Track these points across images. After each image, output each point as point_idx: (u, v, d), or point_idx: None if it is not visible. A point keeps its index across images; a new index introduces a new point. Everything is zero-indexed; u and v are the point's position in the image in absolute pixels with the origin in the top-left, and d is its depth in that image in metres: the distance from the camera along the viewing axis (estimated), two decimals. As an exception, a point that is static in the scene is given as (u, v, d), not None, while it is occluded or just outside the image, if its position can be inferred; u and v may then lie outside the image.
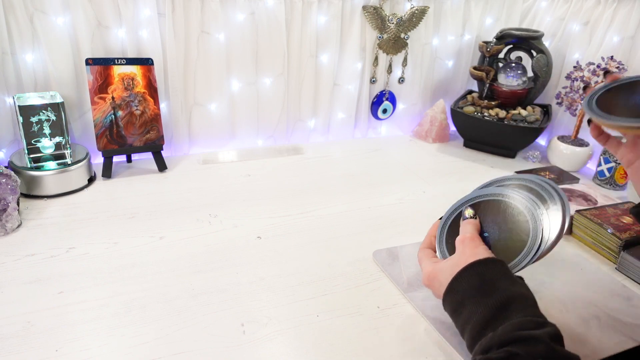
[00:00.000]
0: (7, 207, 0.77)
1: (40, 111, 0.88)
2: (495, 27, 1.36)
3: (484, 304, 0.50)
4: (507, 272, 0.54)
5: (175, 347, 0.57)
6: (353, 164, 1.15)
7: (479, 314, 0.50)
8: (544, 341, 0.44)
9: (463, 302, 0.53)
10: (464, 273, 0.54)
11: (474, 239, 0.59)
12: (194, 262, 0.74)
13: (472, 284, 0.53)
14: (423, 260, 0.63)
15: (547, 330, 0.46)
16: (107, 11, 0.94)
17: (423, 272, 0.61)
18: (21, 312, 0.61)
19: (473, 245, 0.57)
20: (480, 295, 0.51)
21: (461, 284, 0.54)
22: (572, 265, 0.78)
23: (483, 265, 0.54)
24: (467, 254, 0.56)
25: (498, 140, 1.22)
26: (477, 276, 0.53)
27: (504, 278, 0.52)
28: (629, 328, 0.64)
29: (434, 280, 0.58)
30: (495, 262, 0.54)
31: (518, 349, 0.44)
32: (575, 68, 1.15)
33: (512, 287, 0.51)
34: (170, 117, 1.08)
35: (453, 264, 0.56)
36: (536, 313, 0.49)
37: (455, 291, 0.54)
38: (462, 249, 0.58)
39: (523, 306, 0.49)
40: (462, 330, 0.53)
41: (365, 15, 1.18)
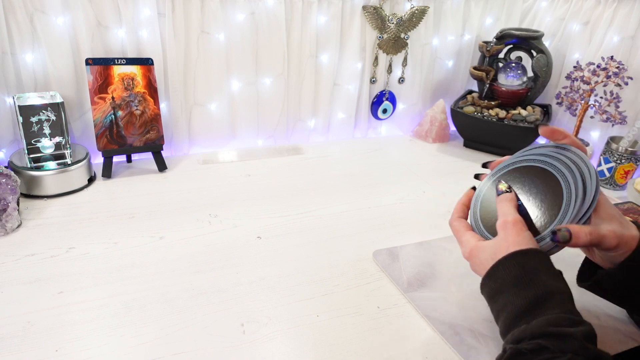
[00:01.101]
0: (7, 207, 0.77)
1: (40, 111, 0.88)
2: (495, 27, 1.36)
3: (521, 296, 0.50)
4: (548, 265, 0.53)
5: (175, 347, 0.57)
6: (353, 164, 1.15)
7: (515, 304, 0.50)
8: (576, 338, 0.44)
9: (501, 290, 0.52)
10: (505, 261, 0.53)
11: (517, 223, 0.56)
12: (194, 262, 0.74)
13: (512, 274, 0.52)
14: (462, 233, 0.61)
15: (582, 329, 0.45)
16: (107, 11, 0.94)
17: (464, 245, 0.60)
18: (21, 312, 0.61)
19: (515, 231, 0.55)
20: (519, 287, 0.51)
21: (501, 272, 0.53)
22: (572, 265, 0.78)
23: (525, 255, 0.53)
24: (509, 241, 0.54)
25: (498, 140, 1.22)
26: (518, 266, 0.52)
27: (544, 271, 0.51)
28: (629, 328, 0.64)
29: (475, 257, 0.57)
30: (538, 253, 0.53)
31: (549, 343, 0.44)
32: (575, 68, 1.15)
33: (551, 282, 0.50)
34: (170, 117, 1.08)
35: (495, 248, 0.55)
36: (572, 310, 0.49)
37: (494, 278, 0.54)
38: (505, 234, 0.55)
39: (560, 302, 0.49)
40: (497, 317, 0.53)
41: (365, 15, 1.18)
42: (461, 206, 0.65)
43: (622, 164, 1.05)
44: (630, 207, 0.91)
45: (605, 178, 1.09)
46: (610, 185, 1.09)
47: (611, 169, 1.07)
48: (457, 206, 0.65)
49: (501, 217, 0.57)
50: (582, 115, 1.14)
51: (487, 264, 0.55)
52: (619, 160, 1.05)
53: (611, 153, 1.07)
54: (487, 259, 0.55)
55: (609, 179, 1.08)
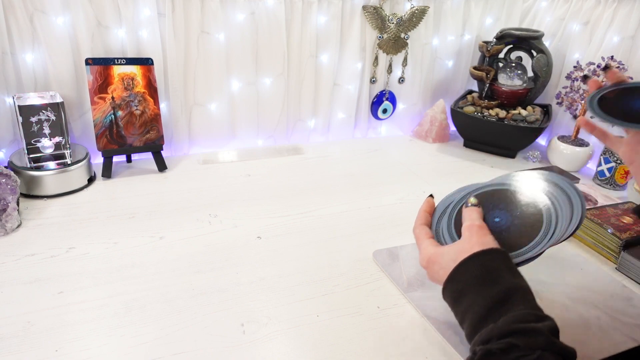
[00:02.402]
0: (6, 207, 0.77)
1: (40, 111, 0.88)
2: (495, 27, 1.36)
3: (485, 294, 0.50)
4: (510, 264, 0.53)
5: (175, 347, 0.57)
6: (353, 164, 1.15)
7: (479, 304, 0.50)
8: (543, 334, 0.44)
9: (464, 291, 0.52)
10: (467, 262, 0.53)
11: (482, 227, 0.57)
12: (194, 262, 0.74)
13: (475, 274, 0.52)
14: (422, 240, 0.62)
15: (547, 324, 0.46)
16: (107, 11, 0.94)
17: (422, 252, 0.60)
18: (21, 312, 0.61)
19: (481, 234, 0.56)
20: (483, 286, 0.51)
21: (463, 273, 0.53)
22: (572, 265, 0.78)
23: (487, 255, 0.53)
24: (472, 242, 0.55)
25: (498, 140, 1.22)
26: (480, 266, 0.53)
27: (506, 270, 0.52)
28: (629, 328, 0.64)
29: (434, 264, 0.58)
30: (499, 252, 0.54)
31: (518, 341, 0.44)
32: (575, 68, 1.15)
33: (514, 280, 0.51)
34: (170, 117, 1.08)
35: (457, 251, 0.55)
36: (536, 306, 0.50)
37: (457, 280, 0.54)
38: (469, 236, 0.56)
39: (524, 299, 0.49)
40: (462, 320, 0.53)
41: (365, 15, 1.18)
42: (423, 213, 0.66)
43: (622, 164, 1.05)
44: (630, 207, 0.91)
45: (606, 178, 1.09)
46: (610, 185, 1.09)
47: (611, 169, 1.07)
48: (420, 214, 0.66)
49: (468, 222, 0.59)
50: (582, 115, 1.14)
51: (448, 267, 0.55)
52: (619, 160, 1.05)
53: (611, 153, 1.07)
54: (448, 263, 0.55)
55: (609, 179, 1.08)
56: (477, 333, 0.49)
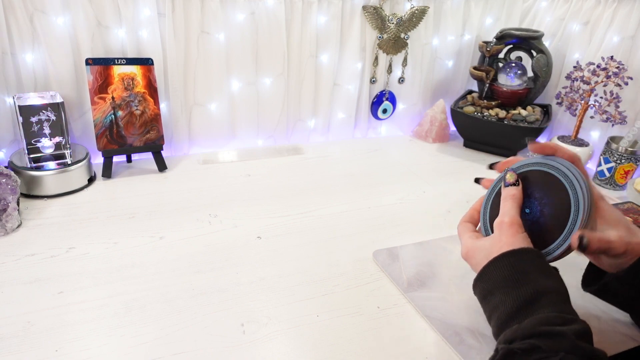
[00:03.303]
0: (7, 207, 0.77)
1: (40, 111, 0.88)
2: (495, 27, 1.36)
3: (513, 296, 0.50)
4: (542, 264, 0.52)
5: (175, 347, 0.57)
6: (353, 164, 1.15)
7: (507, 304, 0.50)
8: (568, 337, 0.44)
9: (492, 291, 0.52)
10: (496, 262, 0.53)
11: (513, 224, 0.55)
12: (194, 262, 0.74)
13: (503, 274, 0.52)
14: (463, 234, 0.61)
15: (574, 327, 0.45)
16: (107, 11, 0.94)
17: (462, 247, 0.60)
18: (21, 312, 0.61)
19: (510, 232, 0.55)
20: (510, 286, 0.51)
21: (492, 273, 0.53)
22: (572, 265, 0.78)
23: (516, 255, 0.52)
24: (502, 241, 0.54)
25: (498, 140, 1.22)
26: (509, 267, 0.52)
27: (537, 270, 0.51)
28: (629, 328, 0.64)
29: (471, 258, 0.58)
30: (530, 252, 0.53)
31: (541, 343, 0.44)
32: (575, 68, 1.15)
33: (544, 281, 0.50)
34: (170, 117, 1.08)
35: (489, 247, 0.55)
36: (566, 309, 0.49)
37: (485, 279, 0.54)
38: (499, 235, 0.55)
39: (552, 301, 0.49)
40: (489, 318, 0.53)
41: (365, 15, 1.18)
42: (471, 211, 0.65)
43: (622, 164, 1.05)
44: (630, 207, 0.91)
45: (605, 178, 1.09)
46: (610, 185, 1.09)
47: (611, 169, 1.07)
48: (468, 211, 0.65)
49: (500, 216, 0.57)
50: (582, 115, 1.14)
51: (481, 263, 0.55)
52: (619, 160, 1.05)
53: (611, 153, 1.07)
54: (482, 259, 0.55)
55: (609, 179, 1.08)
56: (502, 332, 0.49)
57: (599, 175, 1.10)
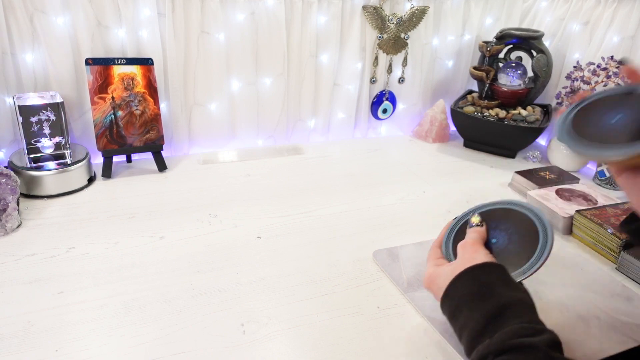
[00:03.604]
0: (7, 207, 0.77)
1: (40, 111, 0.88)
2: (495, 27, 1.36)
3: (480, 309, 0.50)
4: (506, 277, 0.53)
5: (175, 347, 0.57)
6: (353, 164, 1.15)
7: (475, 319, 0.50)
8: (541, 349, 0.43)
9: (459, 307, 0.52)
10: (461, 278, 0.54)
11: (475, 244, 0.58)
12: (194, 262, 0.74)
13: (469, 289, 0.52)
14: (429, 260, 0.63)
15: (545, 338, 0.45)
16: (107, 11, 0.94)
17: (426, 273, 0.61)
18: (21, 312, 0.61)
19: (473, 250, 0.57)
20: (477, 300, 0.51)
21: (458, 289, 0.53)
22: (572, 265, 0.78)
23: (480, 269, 0.53)
24: (465, 258, 0.56)
25: (498, 140, 1.22)
26: (474, 281, 0.53)
27: (501, 283, 0.52)
28: (629, 328, 0.64)
29: (432, 284, 0.58)
30: (493, 266, 0.54)
31: (514, 358, 0.43)
32: (575, 68, 1.15)
33: (509, 292, 0.51)
34: (170, 117, 1.08)
35: (452, 269, 0.56)
36: (534, 319, 0.49)
37: (451, 296, 0.54)
38: (462, 253, 0.58)
39: (520, 312, 0.49)
40: (460, 336, 0.53)
41: (365, 15, 1.18)
42: (440, 236, 0.67)
43: (622, 164, 1.05)
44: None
45: (605, 178, 1.09)
46: (610, 185, 1.09)
47: (611, 169, 1.07)
48: (438, 236, 0.67)
49: (464, 240, 0.60)
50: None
51: (444, 286, 0.55)
52: (619, 160, 1.05)
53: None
54: (444, 282, 0.56)
55: (609, 179, 1.08)
56: (474, 349, 0.49)
57: (599, 175, 1.10)
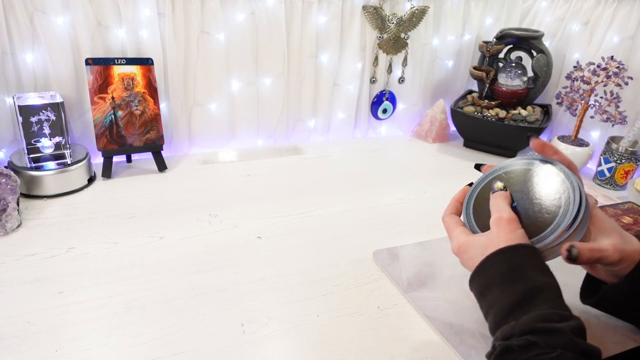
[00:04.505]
0: (6, 207, 0.77)
1: (40, 111, 0.88)
2: (495, 27, 1.36)
3: (510, 291, 0.50)
4: (538, 260, 0.52)
5: (175, 347, 0.57)
6: (353, 164, 1.15)
7: (504, 300, 0.50)
8: (565, 333, 0.44)
9: (489, 286, 0.52)
10: (494, 257, 0.53)
11: (511, 221, 0.55)
12: (194, 262, 0.74)
13: (500, 270, 0.52)
14: (453, 228, 0.61)
15: (570, 324, 0.45)
16: (107, 11, 0.94)
17: (453, 241, 0.59)
18: (21, 312, 0.61)
19: (509, 229, 0.54)
20: (507, 282, 0.51)
21: (489, 268, 0.53)
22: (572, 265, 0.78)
23: (513, 251, 0.52)
24: (500, 237, 0.54)
25: (498, 140, 1.22)
26: (506, 262, 0.52)
27: (533, 266, 0.51)
28: (629, 328, 0.63)
29: (464, 253, 0.57)
30: (527, 248, 0.53)
31: (538, 339, 0.44)
32: (575, 68, 1.15)
33: (540, 277, 0.50)
34: (170, 117, 1.08)
35: (485, 243, 0.55)
36: (561, 305, 0.49)
37: (483, 274, 0.53)
38: (497, 231, 0.55)
39: (548, 297, 0.49)
40: (486, 314, 0.53)
41: (365, 15, 1.18)
42: (454, 202, 0.65)
43: (622, 164, 1.05)
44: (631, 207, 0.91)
45: (606, 178, 1.09)
46: (610, 185, 1.09)
47: (611, 169, 1.07)
48: (451, 202, 0.65)
49: (495, 213, 0.57)
50: (582, 115, 1.14)
51: (476, 259, 0.54)
52: (619, 160, 1.05)
53: (611, 153, 1.07)
54: (476, 255, 0.55)
55: (609, 179, 1.08)
56: (499, 329, 0.49)
57: (599, 175, 1.10)
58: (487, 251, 0.54)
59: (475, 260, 0.55)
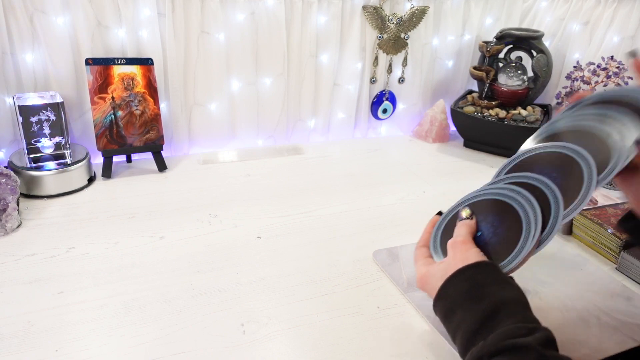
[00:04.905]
0: (7, 207, 0.77)
1: (40, 111, 0.88)
2: (495, 27, 1.36)
3: (473, 311, 0.50)
4: (498, 276, 0.52)
5: (175, 347, 0.57)
6: (353, 164, 1.15)
7: (468, 321, 0.50)
8: (534, 348, 0.43)
9: (453, 309, 0.52)
10: (453, 279, 0.53)
11: (466, 242, 0.57)
12: (194, 262, 0.74)
13: (461, 290, 0.52)
14: (417, 260, 0.61)
15: (538, 336, 0.45)
16: (107, 11, 0.94)
17: (417, 274, 0.60)
18: (21, 312, 0.61)
19: (464, 249, 0.56)
20: (470, 302, 0.50)
21: (450, 290, 0.53)
22: (572, 265, 0.78)
23: (472, 269, 0.53)
24: (457, 258, 0.55)
25: (498, 140, 1.22)
26: (466, 281, 0.52)
27: (493, 282, 0.51)
28: (629, 328, 0.64)
29: (426, 284, 0.58)
30: (485, 265, 0.53)
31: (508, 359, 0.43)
32: (575, 68, 1.15)
33: (502, 292, 0.50)
34: (170, 117, 1.08)
35: (444, 269, 0.55)
36: (527, 317, 0.48)
37: (444, 297, 0.53)
38: (453, 253, 0.56)
39: (513, 311, 0.48)
40: (454, 337, 0.53)
41: (365, 15, 1.18)
42: (426, 235, 0.65)
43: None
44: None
45: (605, 178, 1.09)
46: (610, 185, 1.08)
47: (611, 169, 1.07)
48: (423, 234, 0.65)
49: (452, 238, 0.58)
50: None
51: (437, 287, 0.54)
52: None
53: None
54: (437, 282, 0.55)
55: (609, 179, 1.08)
56: (468, 351, 0.48)
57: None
58: (447, 274, 0.54)
59: (436, 287, 0.54)
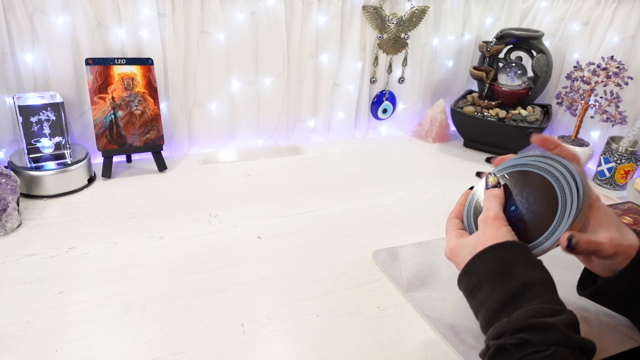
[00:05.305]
0: (6, 207, 0.77)
1: (40, 111, 0.88)
2: (495, 27, 1.36)
3: (500, 288, 0.49)
4: (527, 256, 0.52)
5: (175, 347, 0.57)
6: (353, 164, 1.15)
7: (494, 297, 0.49)
8: (558, 328, 0.43)
9: (479, 285, 0.52)
10: (482, 256, 0.52)
11: (497, 218, 0.55)
12: (194, 262, 0.74)
13: (489, 267, 0.51)
14: (448, 232, 0.61)
15: (563, 318, 0.45)
16: (107, 11, 0.94)
17: (447, 244, 0.60)
18: (21, 312, 0.61)
19: (495, 226, 0.55)
20: (497, 279, 0.50)
21: (478, 267, 0.53)
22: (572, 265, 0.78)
23: (502, 248, 0.52)
24: (487, 235, 0.54)
25: (498, 140, 1.22)
26: (495, 260, 0.51)
27: (522, 262, 0.51)
28: (629, 328, 0.64)
29: (455, 256, 0.57)
30: (515, 245, 0.52)
31: (532, 336, 0.43)
32: (575, 68, 1.15)
33: (530, 272, 0.50)
34: (170, 117, 1.08)
35: (474, 243, 0.55)
36: (553, 299, 0.48)
37: (471, 273, 0.53)
38: (484, 229, 0.55)
39: (540, 292, 0.48)
40: (477, 312, 0.53)
41: (365, 15, 1.18)
42: (458, 206, 0.65)
43: (622, 164, 1.05)
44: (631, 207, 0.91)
45: (605, 178, 1.09)
46: (610, 185, 1.08)
47: (611, 169, 1.07)
48: (455, 206, 0.65)
49: (484, 212, 0.57)
50: (582, 115, 1.14)
51: (466, 260, 0.54)
52: (619, 160, 1.05)
53: (611, 153, 1.07)
54: (466, 255, 0.55)
55: (609, 179, 1.08)
56: (491, 327, 0.48)
57: (599, 175, 1.10)
58: (476, 250, 0.54)
59: (465, 260, 0.54)
